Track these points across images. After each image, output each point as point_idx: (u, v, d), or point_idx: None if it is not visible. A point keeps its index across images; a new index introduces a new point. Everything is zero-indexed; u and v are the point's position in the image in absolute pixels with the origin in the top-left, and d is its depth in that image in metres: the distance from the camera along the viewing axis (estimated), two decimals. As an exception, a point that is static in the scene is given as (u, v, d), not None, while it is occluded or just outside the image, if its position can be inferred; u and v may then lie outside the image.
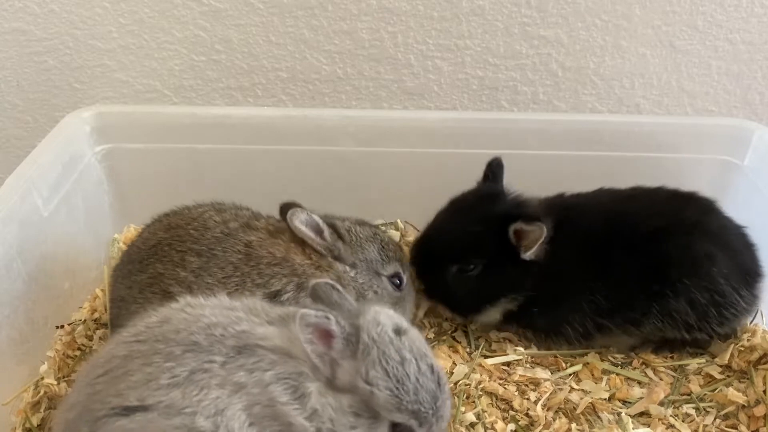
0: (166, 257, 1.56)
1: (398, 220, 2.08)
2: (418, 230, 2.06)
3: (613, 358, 1.70)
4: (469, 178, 1.75)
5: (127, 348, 1.19)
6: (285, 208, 1.62)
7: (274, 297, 1.52)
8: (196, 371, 1.13)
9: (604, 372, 1.66)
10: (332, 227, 1.62)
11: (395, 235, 2.02)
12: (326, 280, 1.26)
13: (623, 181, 1.77)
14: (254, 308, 1.26)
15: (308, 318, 1.11)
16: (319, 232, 1.59)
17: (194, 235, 1.59)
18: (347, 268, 1.62)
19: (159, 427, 1.09)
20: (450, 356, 1.68)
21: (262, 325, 1.20)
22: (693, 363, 1.68)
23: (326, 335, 1.13)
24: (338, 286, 1.24)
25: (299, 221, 1.57)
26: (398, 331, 1.17)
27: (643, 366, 1.69)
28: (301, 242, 1.60)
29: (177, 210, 1.74)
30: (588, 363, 1.68)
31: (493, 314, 1.69)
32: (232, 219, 1.63)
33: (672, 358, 1.70)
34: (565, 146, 1.79)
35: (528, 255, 1.61)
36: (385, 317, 1.18)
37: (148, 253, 1.60)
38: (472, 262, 1.63)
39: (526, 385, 1.60)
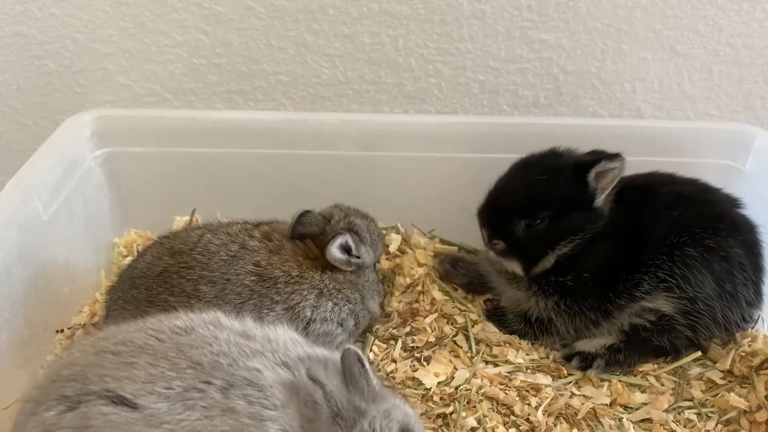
0: (177, 287, 1.52)
1: (398, 224, 2.08)
2: (425, 233, 2.06)
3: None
4: (471, 182, 1.74)
5: (144, 340, 1.19)
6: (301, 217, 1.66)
7: (294, 308, 1.55)
8: (190, 389, 1.11)
9: (605, 378, 1.65)
10: (356, 234, 1.65)
11: (396, 239, 2.02)
12: (355, 350, 1.17)
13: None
14: (275, 342, 1.22)
15: (301, 378, 1.09)
16: (347, 249, 1.62)
17: (201, 260, 1.56)
18: (367, 274, 1.69)
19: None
20: (451, 361, 1.67)
21: (274, 367, 1.17)
22: (692, 366, 1.68)
23: (314, 403, 1.09)
24: (364, 360, 1.17)
25: (337, 248, 1.59)
26: None
27: (643, 372, 1.68)
28: (307, 256, 1.63)
29: (175, 233, 1.74)
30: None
31: (550, 260, 1.70)
32: (229, 241, 1.61)
33: (669, 361, 1.70)
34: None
35: (601, 200, 1.67)
36: (400, 414, 1.12)
37: (155, 282, 1.55)
38: (540, 215, 1.66)
39: (527, 391, 1.60)
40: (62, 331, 1.75)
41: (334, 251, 1.59)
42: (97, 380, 1.13)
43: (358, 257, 1.65)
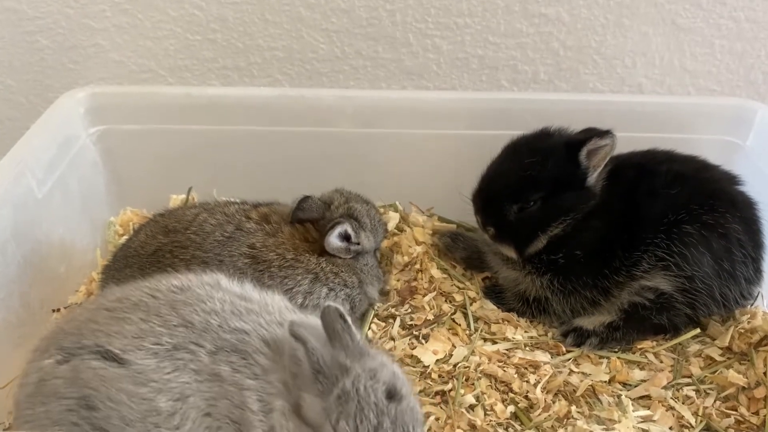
0: (170, 267, 1.50)
1: (396, 202, 2.06)
2: (423, 211, 2.05)
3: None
4: (470, 159, 1.73)
5: (140, 297, 1.23)
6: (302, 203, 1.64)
7: (286, 294, 1.52)
8: (180, 348, 1.14)
9: (604, 355, 1.65)
10: (356, 220, 1.63)
11: (395, 217, 2.01)
12: (336, 306, 1.13)
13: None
14: (271, 305, 1.24)
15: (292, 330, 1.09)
16: (347, 237, 1.60)
17: (196, 240, 1.54)
18: (366, 259, 1.67)
19: (126, 389, 1.12)
20: (449, 338, 1.67)
21: (270, 325, 1.18)
22: (691, 343, 1.68)
23: (297, 359, 1.08)
24: (346, 316, 1.13)
25: (335, 238, 1.57)
26: (391, 396, 1.08)
27: (642, 349, 1.68)
28: (306, 239, 1.61)
29: (171, 211, 1.72)
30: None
31: (542, 241, 1.69)
32: (225, 222, 1.59)
33: (668, 338, 1.70)
34: (566, 126, 1.77)
35: (593, 178, 1.66)
36: (386, 374, 1.09)
37: (149, 260, 1.54)
38: (532, 198, 1.66)
39: (526, 368, 1.60)
40: (58, 310, 1.75)
41: (333, 240, 1.58)
42: (89, 335, 1.18)
43: (358, 243, 1.64)
